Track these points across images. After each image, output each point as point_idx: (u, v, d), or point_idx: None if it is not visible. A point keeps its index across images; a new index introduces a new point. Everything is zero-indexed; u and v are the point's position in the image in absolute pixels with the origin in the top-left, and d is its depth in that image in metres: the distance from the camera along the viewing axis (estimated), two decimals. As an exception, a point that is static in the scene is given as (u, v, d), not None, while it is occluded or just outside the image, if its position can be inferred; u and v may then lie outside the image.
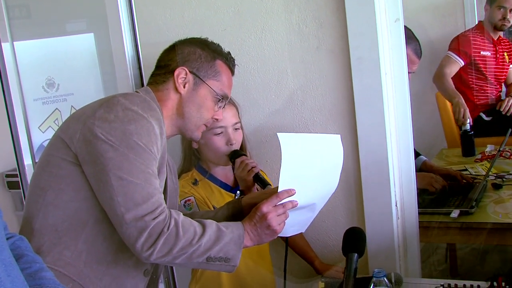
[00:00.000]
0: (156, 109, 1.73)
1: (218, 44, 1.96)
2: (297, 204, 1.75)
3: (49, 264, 1.53)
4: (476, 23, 4.64)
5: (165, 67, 1.89)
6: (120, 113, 1.64)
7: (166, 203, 1.68)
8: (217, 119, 1.96)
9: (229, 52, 1.97)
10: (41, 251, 1.62)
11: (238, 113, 2.22)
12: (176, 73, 1.85)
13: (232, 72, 1.98)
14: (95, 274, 1.69)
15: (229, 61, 1.95)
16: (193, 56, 1.88)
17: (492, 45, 4.37)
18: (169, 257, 1.61)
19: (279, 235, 1.76)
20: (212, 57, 1.90)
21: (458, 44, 4.30)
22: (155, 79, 1.90)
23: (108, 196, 1.60)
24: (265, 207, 1.72)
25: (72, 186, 1.66)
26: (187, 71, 1.86)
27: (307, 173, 1.76)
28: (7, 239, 1.32)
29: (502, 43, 4.45)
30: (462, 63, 4.27)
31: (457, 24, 4.84)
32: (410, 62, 2.54)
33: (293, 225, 1.80)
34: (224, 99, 1.93)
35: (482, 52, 4.33)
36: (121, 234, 1.62)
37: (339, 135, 1.84)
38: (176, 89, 1.86)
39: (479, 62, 4.33)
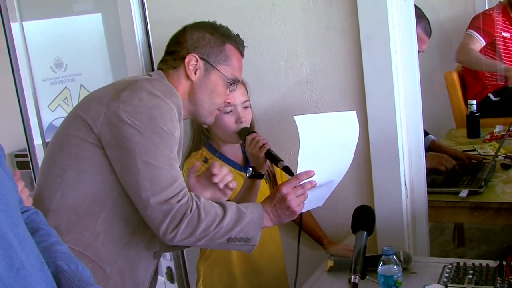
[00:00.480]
0: (177, 95, 1.74)
1: (227, 27, 1.95)
2: (316, 184, 1.78)
3: (69, 244, 1.54)
4: (486, 1, 4.58)
5: (175, 53, 1.89)
6: (145, 98, 1.65)
7: None
8: (229, 103, 1.98)
9: (237, 35, 1.96)
10: (59, 230, 1.61)
11: (247, 91, 2.22)
12: (186, 60, 1.85)
13: (242, 55, 1.97)
14: (111, 255, 1.72)
15: (238, 44, 1.95)
16: (202, 41, 1.88)
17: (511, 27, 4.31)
18: (192, 239, 1.64)
19: None
20: (221, 41, 1.90)
21: (481, 23, 4.17)
22: (165, 65, 1.91)
23: (134, 180, 1.61)
24: (285, 189, 1.75)
25: (93, 168, 1.67)
26: (198, 57, 1.86)
27: (324, 153, 1.80)
28: (22, 212, 1.32)
29: None
30: (483, 42, 4.15)
31: (466, 3, 4.80)
32: (419, 41, 2.52)
33: (310, 200, 1.83)
34: (235, 83, 1.93)
35: (503, 33, 4.26)
36: (146, 217, 1.64)
37: (354, 112, 1.88)
38: (187, 76, 1.86)
39: (499, 43, 4.21)
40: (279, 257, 2.36)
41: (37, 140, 2.93)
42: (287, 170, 1.90)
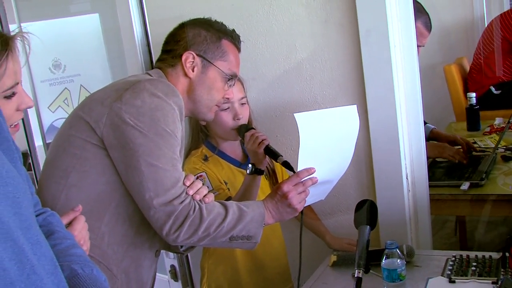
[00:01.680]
0: (178, 95, 1.73)
1: (222, 23, 1.95)
2: (317, 180, 1.79)
3: None
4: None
5: (171, 51, 1.89)
6: (147, 99, 1.64)
7: None
8: (228, 98, 1.99)
9: (233, 30, 1.97)
10: None
11: (244, 88, 2.22)
12: (183, 57, 1.86)
13: (239, 50, 1.98)
14: (116, 256, 1.73)
15: (234, 39, 1.95)
16: (198, 38, 1.88)
17: None
18: (195, 238, 1.65)
19: None
20: (217, 37, 1.90)
21: None
22: (163, 63, 1.91)
23: (137, 181, 1.62)
24: (286, 187, 1.75)
25: (96, 169, 1.67)
26: (194, 54, 1.86)
27: (325, 149, 1.80)
28: (39, 215, 1.32)
29: None
30: None
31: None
32: (420, 36, 2.52)
33: (312, 195, 1.83)
34: (233, 78, 1.94)
35: None
36: (149, 218, 1.65)
37: (355, 106, 1.87)
38: (185, 74, 1.87)
39: None
40: (282, 253, 2.36)
41: (38, 142, 2.93)
42: (287, 165, 1.90)
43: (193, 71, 1.86)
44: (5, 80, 1.38)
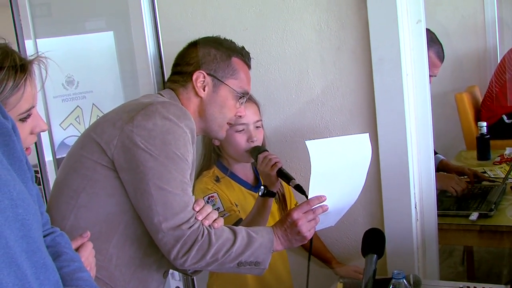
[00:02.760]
0: (191, 118, 1.74)
1: (231, 41, 1.97)
2: (327, 208, 1.79)
3: None
4: (496, 21, 4.61)
5: (182, 71, 1.91)
6: (159, 122, 1.65)
7: None
8: (240, 116, 1.98)
9: (243, 47, 1.97)
10: None
11: (259, 112, 2.23)
12: (194, 77, 1.86)
13: (249, 67, 1.99)
14: (124, 277, 1.72)
15: (244, 56, 1.96)
16: (208, 57, 1.89)
17: None
18: (202, 263, 1.64)
19: None
20: (227, 55, 1.91)
21: None
22: (174, 84, 1.92)
23: (146, 204, 1.62)
24: (296, 214, 1.75)
25: (106, 190, 1.67)
26: (205, 74, 1.87)
27: (336, 177, 1.80)
28: (47, 234, 1.32)
29: None
30: None
31: (476, 22, 4.81)
32: (432, 65, 2.52)
33: (322, 221, 1.83)
34: (245, 96, 1.94)
35: None
36: (157, 241, 1.64)
37: (367, 134, 1.87)
38: (197, 93, 1.87)
39: None
40: (287, 277, 2.36)
41: (48, 157, 2.94)
42: (299, 188, 1.90)
43: (204, 90, 1.87)
44: (22, 104, 1.41)
